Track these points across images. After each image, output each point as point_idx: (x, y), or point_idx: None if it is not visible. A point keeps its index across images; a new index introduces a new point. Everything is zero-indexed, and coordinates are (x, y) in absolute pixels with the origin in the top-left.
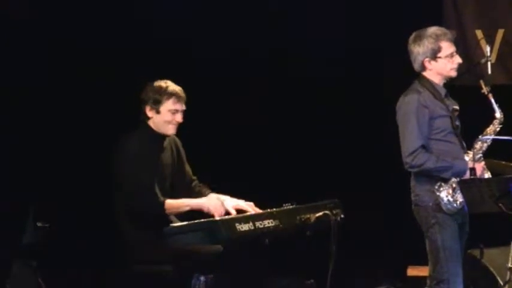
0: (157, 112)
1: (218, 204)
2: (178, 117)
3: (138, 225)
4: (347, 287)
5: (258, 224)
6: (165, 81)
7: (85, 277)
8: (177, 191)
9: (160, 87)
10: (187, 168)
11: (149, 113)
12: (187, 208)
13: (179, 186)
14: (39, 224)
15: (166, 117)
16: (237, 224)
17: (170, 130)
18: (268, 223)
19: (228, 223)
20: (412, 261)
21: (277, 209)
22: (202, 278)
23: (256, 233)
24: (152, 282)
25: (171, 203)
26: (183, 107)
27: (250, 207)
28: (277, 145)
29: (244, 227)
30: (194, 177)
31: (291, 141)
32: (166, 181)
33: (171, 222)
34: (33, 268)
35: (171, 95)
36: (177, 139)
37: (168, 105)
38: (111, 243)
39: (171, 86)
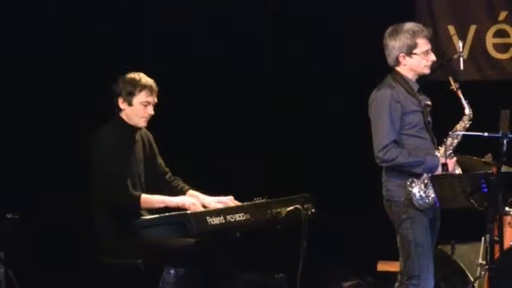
0: (130, 104)
1: (196, 202)
2: (150, 110)
3: (110, 217)
4: (317, 282)
5: (229, 217)
6: (138, 73)
7: (54, 268)
8: (151, 183)
9: (133, 79)
10: (160, 161)
11: (122, 105)
12: (163, 205)
13: (153, 178)
14: (8, 216)
15: (138, 109)
16: (207, 218)
17: (142, 122)
18: (239, 217)
19: (198, 216)
20: (382, 256)
21: (248, 203)
22: (172, 271)
23: (227, 227)
24: (123, 275)
25: (146, 198)
26: (155, 100)
27: (230, 201)
28: (248, 139)
29: (215, 220)
30: (167, 169)
31: (263, 136)
32: (141, 174)
33: (142, 215)
34: (1, 259)
35: (144, 87)
36: (148, 133)
37: (141, 97)
38: (82, 235)
39: (144, 78)
